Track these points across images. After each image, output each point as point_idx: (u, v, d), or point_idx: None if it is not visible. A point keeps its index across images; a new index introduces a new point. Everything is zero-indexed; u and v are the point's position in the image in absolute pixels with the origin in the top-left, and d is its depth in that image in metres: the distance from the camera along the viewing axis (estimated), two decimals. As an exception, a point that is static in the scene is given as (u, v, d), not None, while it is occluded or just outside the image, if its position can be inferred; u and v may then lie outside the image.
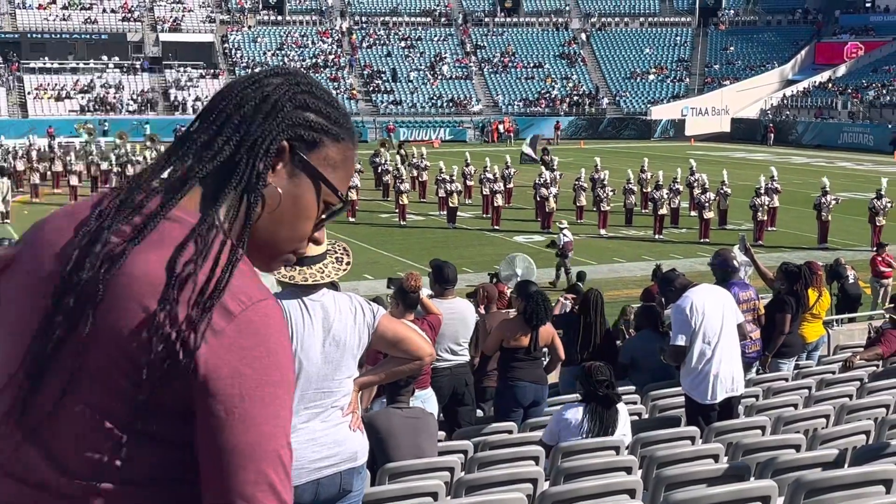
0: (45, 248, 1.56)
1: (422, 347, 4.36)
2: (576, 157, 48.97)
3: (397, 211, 33.07)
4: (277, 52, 73.92)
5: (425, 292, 8.57)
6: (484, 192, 33.68)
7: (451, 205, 32.55)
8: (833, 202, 28.47)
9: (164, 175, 1.60)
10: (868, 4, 79.71)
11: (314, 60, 73.42)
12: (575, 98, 72.65)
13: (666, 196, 30.74)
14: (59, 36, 71.10)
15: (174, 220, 1.53)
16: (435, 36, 78.45)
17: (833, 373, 9.98)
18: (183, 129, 1.76)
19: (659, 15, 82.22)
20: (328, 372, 4.11)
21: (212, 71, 70.80)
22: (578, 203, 32.82)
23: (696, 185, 32.00)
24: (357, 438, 4.31)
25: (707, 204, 29.72)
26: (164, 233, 1.51)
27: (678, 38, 79.90)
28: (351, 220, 31.99)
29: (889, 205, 27.59)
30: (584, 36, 79.71)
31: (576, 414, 6.74)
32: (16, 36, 70.11)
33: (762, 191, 29.56)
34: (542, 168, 35.00)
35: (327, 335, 4.12)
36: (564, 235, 24.54)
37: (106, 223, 1.52)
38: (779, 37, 79.08)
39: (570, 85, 74.09)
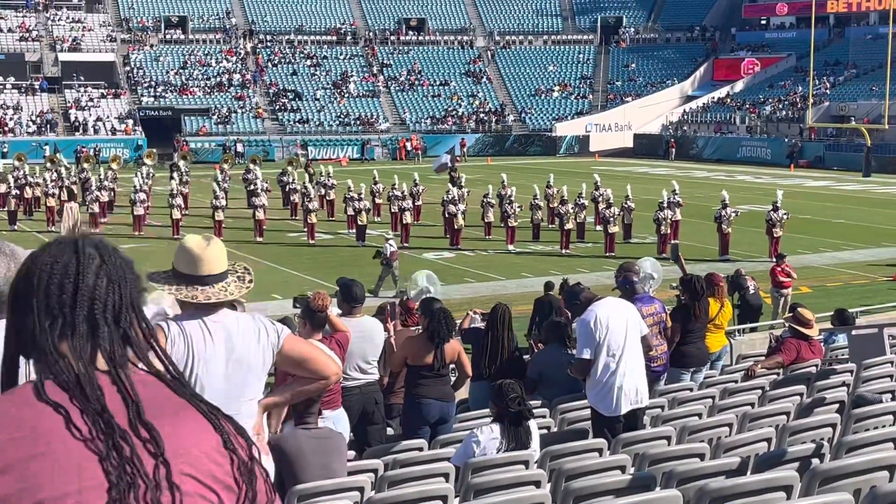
0: None
1: (328, 366, 4.29)
2: (483, 174, 49.32)
3: (306, 230, 32.87)
4: (181, 70, 73.01)
5: (334, 311, 8.52)
6: (393, 210, 33.70)
7: (360, 223, 32.47)
8: (733, 215, 29.15)
9: None
10: (763, 22, 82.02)
11: (218, 79, 72.68)
12: (481, 115, 73.21)
13: (572, 211, 31.11)
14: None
15: None
16: (341, 54, 78.37)
17: (735, 382, 10.18)
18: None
19: (562, 33, 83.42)
20: (232, 394, 4.03)
21: (113, 91, 69.59)
22: (487, 219, 33.04)
23: (600, 199, 32.48)
24: (264, 461, 4.25)
25: (612, 218, 30.18)
26: None
27: (581, 55, 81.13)
28: (259, 239, 31.72)
29: (785, 216, 28.37)
30: (489, 54, 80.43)
31: (489, 434, 6.76)
32: None
33: (665, 204, 30.13)
34: (450, 185, 35.16)
35: (230, 356, 4.05)
36: (390, 245, 25.50)
37: None
38: (678, 54, 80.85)
39: (477, 102, 74.65)
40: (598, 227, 31.82)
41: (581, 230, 31.89)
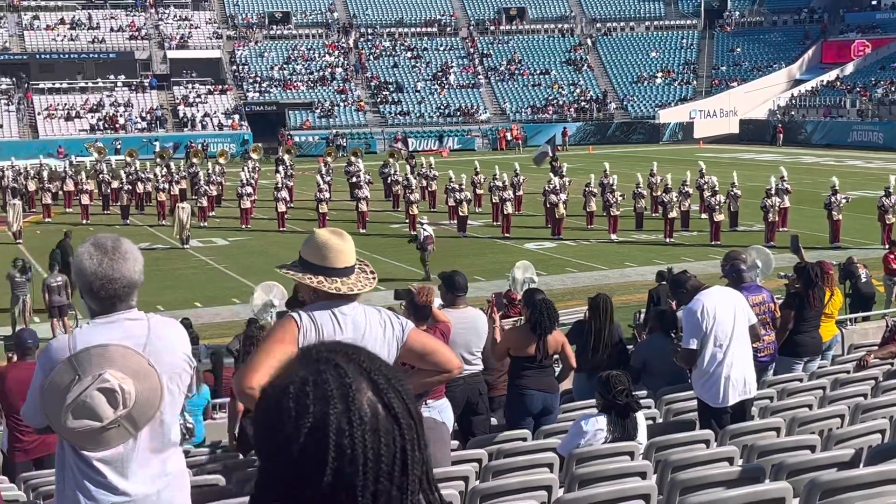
0: None
1: (451, 360, 4.41)
2: (584, 163, 48.97)
3: (408, 221, 33.10)
4: (285, 65, 74.13)
5: (437, 303, 8.57)
6: (494, 200, 33.71)
7: (461, 214, 32.57)
8: (843, 201, 28.40)
9: None
10: (874, 2, 79.53)
11: (321, 73, 73.60)
12: (582, 104, 72.66)
13: (676, 199, 30.70)
14: (67, 56, 71.43)
15: None
16: (441, 45, 78.58)
17: (847, 372, 9.94)
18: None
19: (664, 18, 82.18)
20: None
21: (220, 87, 71.02)
22: (588, 208, 32.80)
23: (705, 187, 31.94)
24: None
25: (717, 206, 29.68)
26: None
27: (684, 40, 79.85)
28: (361, 230, 32.04)
29: (900, 202, 27.51)
30: (589, 41, 79.73)
31: (594, 424, 6.72)
32: (24, 57, 70.47)
33: (773, 191, 29.50)
34: (551, 174, 35.01)
35: None
36: (424, 230, 25.82)
37: None
38: (785, 37, 78.96)
39: (577, 91, 74.11)
40: (704, 216, 31.33)
41: (685, 219, 31.44)
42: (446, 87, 73.85)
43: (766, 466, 5.75)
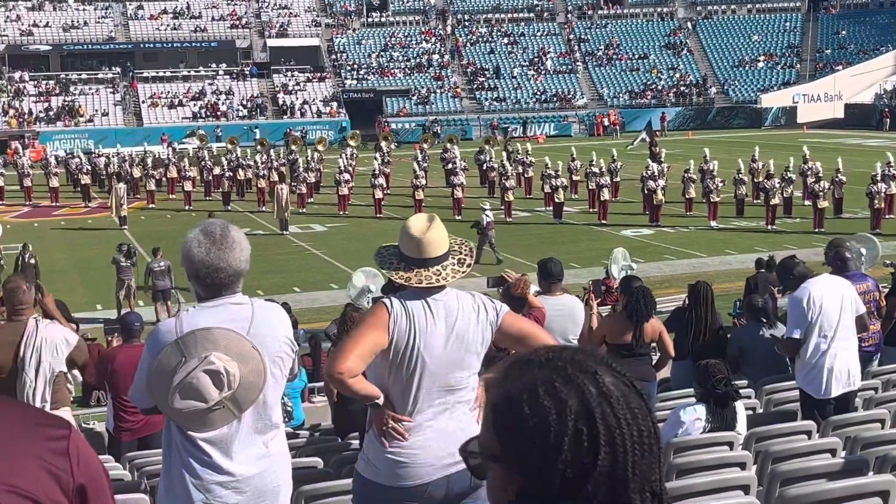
0: None
1: (546, 342, 4.38)
2: (683, 148, 48.27)
3: (503, 208, 33.07)
4: (382, 52, 74.59)
5: (533, 289, 8.56)
6: (590, 187, 33.47)
7: (557, 200, 32.42)
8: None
9: None
10: None
11: (418, 60, 73.88)
12: (682, 88, 71.60)
13: (778, 185, 30.08)
14: (170, 45, 73.02)
15: None
16: (538, 31, 78.17)
17: (957, 364, 9.64)
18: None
19: (767, 1, 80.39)
20: (452, 369, 4.15)
21: (318, 74, 71.82)
22: (687, 195, 32.34)
23: (809, 173, 31.20)
24: None
25: (821, 193, 28.99)
26: None
27: (787, 23, 78.04)
28: (457, 217, 32.11)
29: None
30: (689, 25, 78.47)
31: (692, 414, 6.64)
32: (129, 47, 72.23)
33: (878, 178, 28.69)
34: (649, 160, 34.59)
35: (450, 333, 4.15)
36: (486, 216, 26.05)
37: None
38: (892, 18, 76.56)
39: (677, 75, 73.03)
40: (807, 202, 30.64)
41: (788, 205, 30.79)
42: (543, 72, 73.48)
43: (870, 458, 5.62)
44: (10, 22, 71.27)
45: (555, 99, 70.70)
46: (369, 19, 78.52)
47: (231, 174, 39.41)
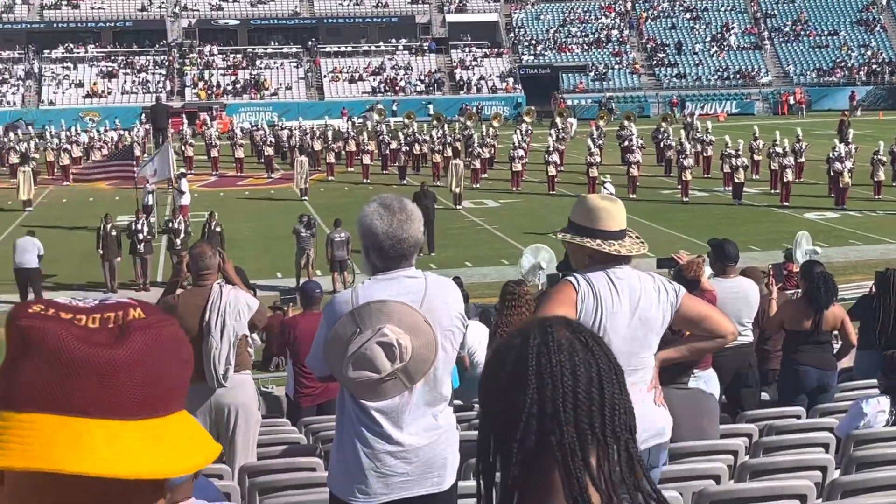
0: None
1: (725, 325, 4.39)
2: (874, 129, 46.14)
3: (680, 187, 32.41)
4: (560, 28, 74.06)
5: (707, 272, 8.37)
6: (773, 167, 32.42)
7: (736, 180, 31.55)
8: None
9: None
10: None
11: (596, 36, 73.04)
12: (873, 66, 68.39)
13: (976, 170, 28.45)
14: (352, 20, 74.47)
15: None
16: (722, 6, 75.98)
17: None
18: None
19: (971, -27, 75.83)
20: (634, 349, 4.13)
21: (496, 50, 71.93)
22: (876, 178, 30.94)
23: None
24: (663, 414, 4.34)
25: None
26: None
27: None
28: (632, 196, 31.65)
29: None
30: (884, 0, 74.77)
31: (875, 406, 6.37)
32: (313, 22, 74.04)
33: None
34: (836, 141, 33.23)
35: (634, 313, 4.14)
36: (605, 188, 25.23)
37: None
38: None
39: (869, 53, 69.78)
40: None
41: None
42: (726, 48, 71.49)
43: None
44: (203, -2, 74.12)
45: (737, 76, 68.71)
46: (548, -6, 77.99)
47: (407, 149, 39.97)
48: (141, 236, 22.54)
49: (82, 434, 1.11)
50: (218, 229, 23.43)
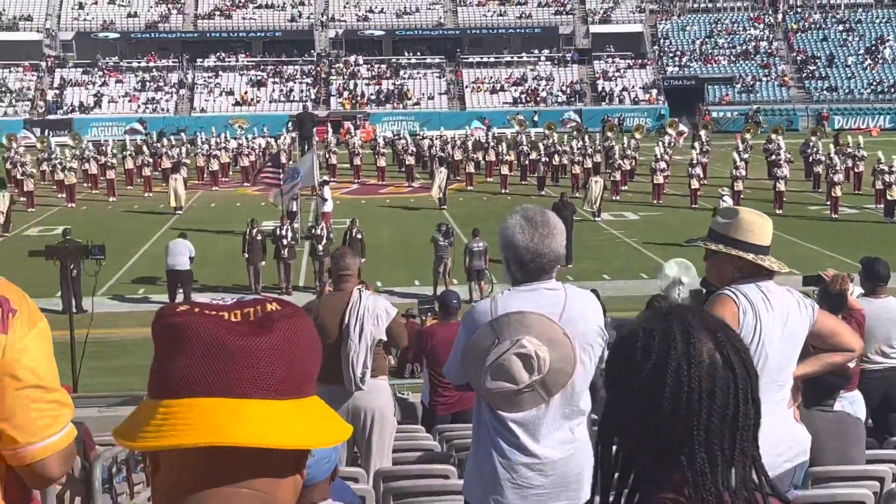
0: None
1: (853, 341, 4.44)
2: None
3: (829, 203, 31.44)
4: (707, 39, 72.82)
5: (856, 291, 8.11)
6: (928, 185, 31.15)
7: (889, 197, 30.41)
8: None
9: None
10: None
11: (744, 48, 71.52)
12: None
13: None
14: (495, 31, 74.80)
15: None
16: (877, 18, 73.49)
17: None
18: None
19: None
20: (783, 364, 4.14)
21: (640, 61, 71.18)
22: None
23: None
24: (803, 432, 4.29)
25: None
26: None
27: None
28: (778, 211, 30.85)
29: None
30: None
31: None
32: (456, 32, 74.65)
33: None
34: None
35: (784, 329, 4.14)
36: (724, 202, 24.64)
37: None
38: None
39: None
40: None
41: None
42: (880, 61, 69.05)
43: None
44: (349, 7, 75.52)
45: (892, 90, 66.26)
46: (694, 5, 76.78)
47: (547, 159, 39.89)
48: (285, 241, 23.10)
49: (237, 411, 1.25)
50: (359, 236, 23.82)
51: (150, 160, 41.28)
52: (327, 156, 43.07)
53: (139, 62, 70.21)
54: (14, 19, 71.79)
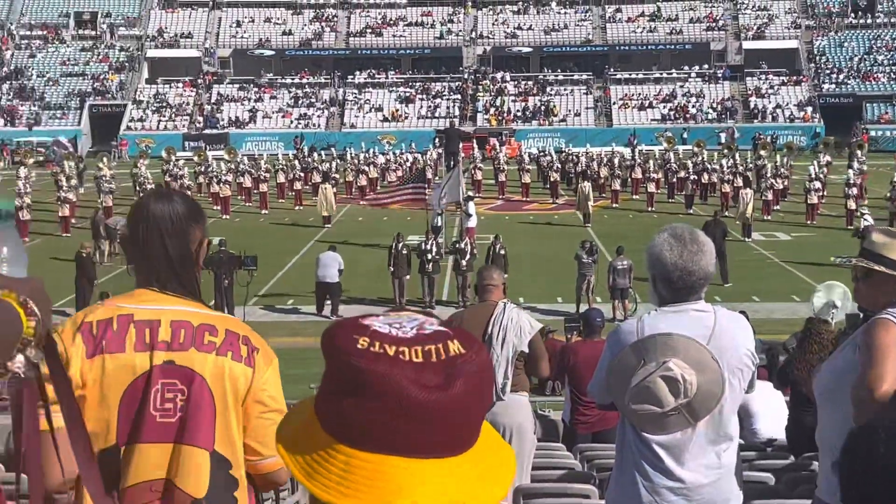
0: None
1: None
2: None
3: None
4: (866, 56, 70.39)
5: None
6: None
7: None
8: None
9: None
10: None
11: (905, 63, 68.95)
12: None
13: None
14: (644, 47, 74.03)
15: None
16: None
17: None
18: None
19: None
20: None
21: (794, 78, 69.32)
22: None
23: None
24: None
25: None
26: None
27: None
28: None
29: None
30: None
31: None
32: (604, 49, 74.19)
33: None
34: None
35: None
36: (865, 220, 24.24)
37: None
38: None
39: None
40: None
41: None
42: None
43: None
44: (497, 25, 75.94)
45: None
46: (853, 21, 74.35)
47: (695, 177, 39.19)
48: (430, 256, 23.33)
49: (418, 472, 1.21)
50: (502, 252, 23.87)
51: (301, 174, 42.38)
52: (472, 171, 43.35)
53: (293, 78, 72.17)
54: (175, 37, 74.80)
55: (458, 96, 69.95)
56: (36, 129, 65.21)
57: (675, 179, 40.24)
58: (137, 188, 37.58)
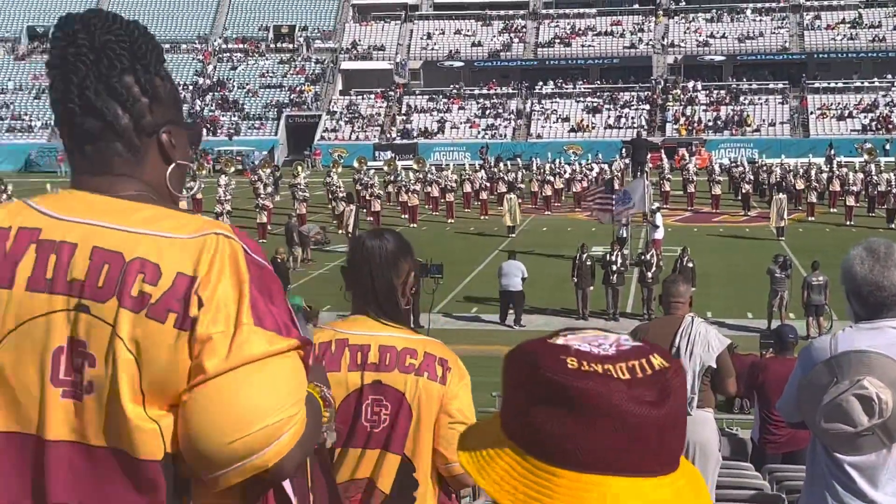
0: None
1: None
2: None
3: None
4: None
5: None
6: None
7: None
8: None
9: None
10: None
11: None
12: None
13: None
14: (844, 55, 71.19)
15: None
16: None
17: None
18: None
19: None
20: None
21: None
22: None
23: None
24: None
25: None
26: None
27: None
28: None
29: None
30: None
31: None
32: (802, 57, 71.74)
33: None
34: None
35: None
36: None
37: None
38: None
39: None
40: None
41: None
42: None
43: None
44: (690, 33, 74.59)
45: None
46: None
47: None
48: (614, 267, 23.09)
49: (640, 492, 1.18)
50: (690, 265, 23.39)
51: (487, 184, 42.73)
52: (661, 182, 42.66)
53: (480, 90, 72.90)
54: (368, 49, 76.78)
55: (647, 106, 69.05)
56: (236, 138, 68.19)
57: (875, 192, 38.46)
58: (330, 196, 38.72)
